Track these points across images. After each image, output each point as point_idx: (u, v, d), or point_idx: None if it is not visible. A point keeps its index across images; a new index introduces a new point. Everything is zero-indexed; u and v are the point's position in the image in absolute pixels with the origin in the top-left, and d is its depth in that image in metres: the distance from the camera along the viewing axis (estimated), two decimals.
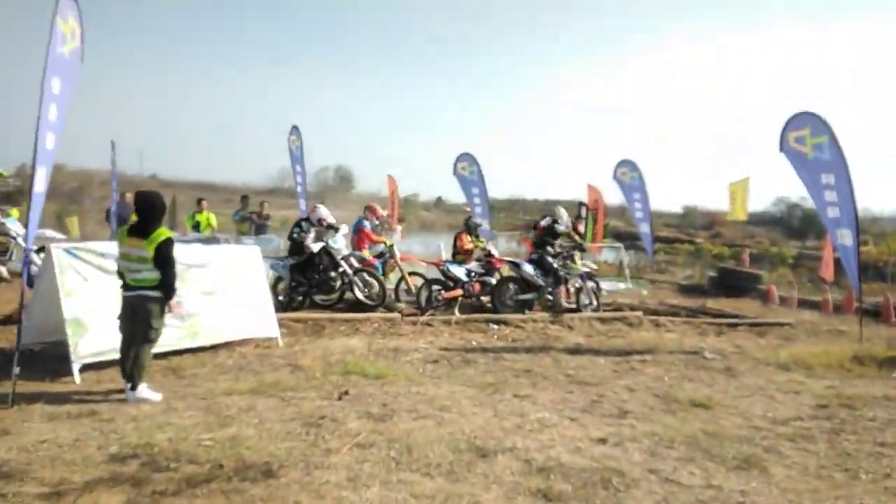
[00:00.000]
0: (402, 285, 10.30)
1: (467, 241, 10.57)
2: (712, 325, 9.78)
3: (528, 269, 9.62)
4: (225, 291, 6.66)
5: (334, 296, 9.71)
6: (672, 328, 9.42)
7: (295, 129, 14.77)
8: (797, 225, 42.98)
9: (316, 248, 9.22)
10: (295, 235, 9.35)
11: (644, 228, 16.51)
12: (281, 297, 9.30)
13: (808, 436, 4.65)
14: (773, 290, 13.61)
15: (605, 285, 15.38)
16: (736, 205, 17.53)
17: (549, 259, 9.76)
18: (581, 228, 16.93)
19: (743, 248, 24.44)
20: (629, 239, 19.74)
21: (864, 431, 4.83)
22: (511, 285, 9.59)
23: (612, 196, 20.22)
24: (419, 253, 12.41)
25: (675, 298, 13.32)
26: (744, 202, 17.52)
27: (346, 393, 5.09)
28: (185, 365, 5.83)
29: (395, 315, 8.68)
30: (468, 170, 14.42)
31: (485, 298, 9.84)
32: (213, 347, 6.42)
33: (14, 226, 10.90)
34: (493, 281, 9.86)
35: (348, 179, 54.14)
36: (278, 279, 9.56)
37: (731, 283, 13.92)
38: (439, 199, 52.48)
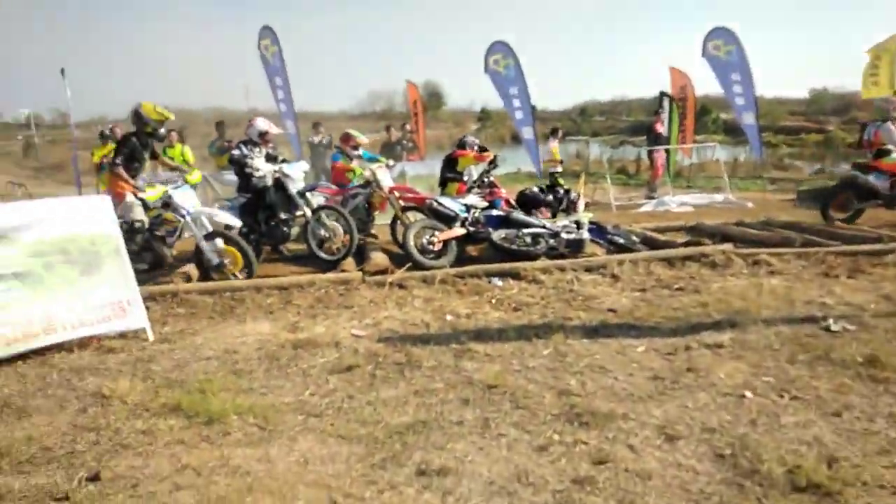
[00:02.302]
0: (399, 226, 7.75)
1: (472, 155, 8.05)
2: (843, 255, 6.46)
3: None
4: (50, 269, 4.46)
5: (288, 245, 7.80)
6: (778, 268, 6.20)
7: (267, 30, 11.97)
8: None
9: (265, 171, 6.98)
10: (246, 161, 6.98)
11: (748, 119, 12.59)
12: None
13: None
14: None
15: (695, 198, 12.04)
16: (877, 77, 13.04)
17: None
18: (660, 128, 13.32)
19: None
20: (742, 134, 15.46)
21: None
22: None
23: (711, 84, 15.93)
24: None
25: (790, 213, 9.81)
26: (890, 72, 12.99)
27: (97, 478, 2.75)
28: None
29: (354, 275, 6.14)
30: (502, 63, 11.38)
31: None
32: (23, 357, 4.28)
33: (185, 199, 6.41)
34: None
35: (437, 95, 51.00)
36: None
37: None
38: (534, 109, 48.53)
